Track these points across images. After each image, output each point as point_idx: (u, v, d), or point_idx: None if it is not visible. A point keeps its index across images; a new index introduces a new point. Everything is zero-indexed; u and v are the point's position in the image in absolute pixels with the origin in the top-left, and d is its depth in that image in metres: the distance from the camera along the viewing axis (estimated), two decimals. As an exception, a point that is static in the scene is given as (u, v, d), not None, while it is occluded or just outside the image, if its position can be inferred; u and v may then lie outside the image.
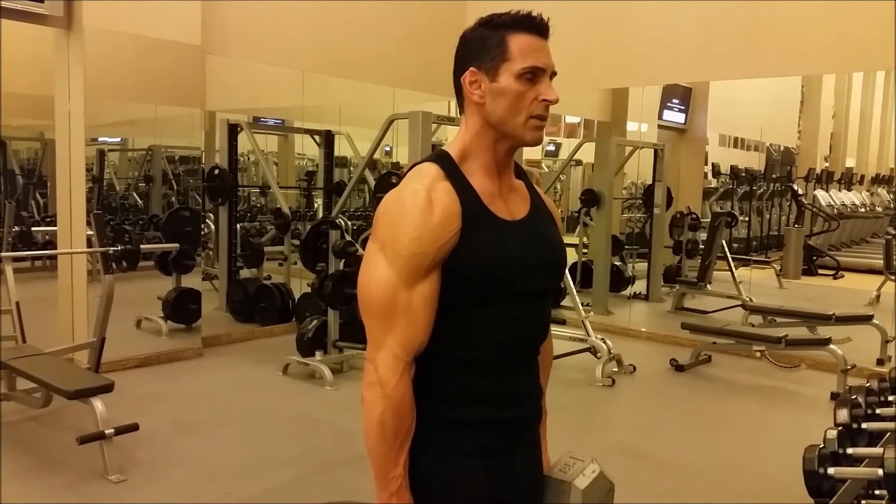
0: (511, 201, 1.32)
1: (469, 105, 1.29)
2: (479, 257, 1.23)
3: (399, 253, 1.19)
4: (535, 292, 1.33)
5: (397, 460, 1.23)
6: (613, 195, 7.63)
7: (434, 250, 1.19)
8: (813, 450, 2.02)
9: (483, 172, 1.28)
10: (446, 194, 1.22)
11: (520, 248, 1.28)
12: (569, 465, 1.38)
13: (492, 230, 1.25)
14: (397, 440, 1.22)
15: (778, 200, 11.03)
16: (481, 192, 1.26)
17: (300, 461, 3.55)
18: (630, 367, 5.31)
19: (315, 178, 7.59)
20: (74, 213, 4.77)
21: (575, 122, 10.92)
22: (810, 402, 4.79)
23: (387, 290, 1.20)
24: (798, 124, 11.71)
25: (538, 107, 1.25)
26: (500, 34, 1.25)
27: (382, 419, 1.21)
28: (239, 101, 7.31)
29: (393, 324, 1.21)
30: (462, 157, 1.28)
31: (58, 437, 3.71)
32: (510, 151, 1.31)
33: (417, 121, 5.05)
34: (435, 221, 1.19)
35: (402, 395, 1.21)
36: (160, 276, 5.70)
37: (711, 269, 7.53)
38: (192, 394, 4.59)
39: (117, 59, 5.13)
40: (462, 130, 1.31)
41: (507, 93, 1.24)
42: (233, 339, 5.90)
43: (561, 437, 1.67)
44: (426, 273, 1.20)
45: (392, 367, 1.21)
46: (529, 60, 1.23)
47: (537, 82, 1.24)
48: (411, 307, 1.20)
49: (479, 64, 1.26)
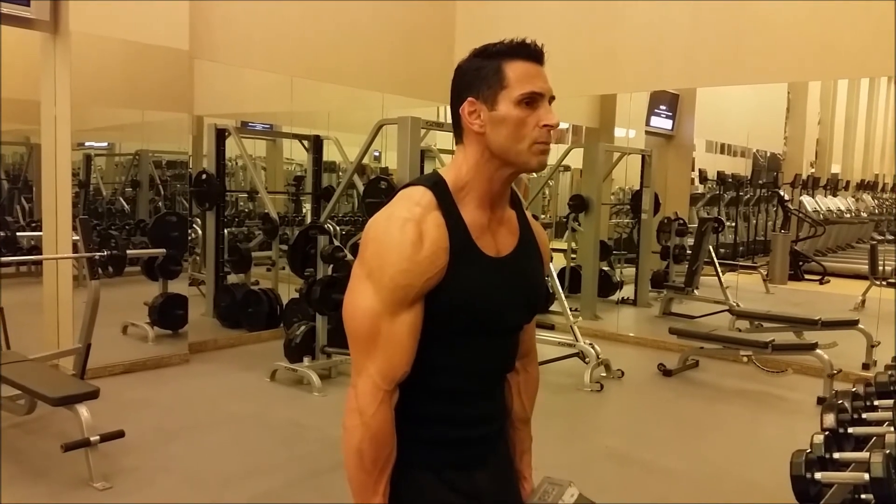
0: (499, 235, 1.32)
1: (468, 135, 1.28)
2: (461, 293, 1.24)
3: (384, 283, 1.19)
4: (507, 330, 1.36)
5: (376, 488, 1.24)
6: (601, 201, 7.67)
7: (420, 283, 1.20)
8: (800, 454, 2.02)
9: (476, 203, 1.28)
10: (436, 228, 1.22)
11: (501, 288, 1.30)
12: (548, 493, 1.39)
13: (476, 267, 1.26)
14: (376, 468, 1.23)
15: (764, 206, 11.11)
16: (471, 225, 1.26)
17: (288, 467, 3.53)
18: (618, 372, 5.32)
19: (303, 184, 7.56)
20: (60, 218, 4.73)
21: (563, 128, 10.95)
22: (797, 406, 4.81)
23: (371, 319, 1.21)
24: (784, 131, 11.80)
25: (540, 132, 1.24)
26: (496, 63, 1.25)
27: (360, 447, 1.21)
28: (227, 105, 7.29)
29: (375, 352, 1.21)
30: (457, 185, 1.28)
31: (42, 445, 3.67)
32: (509, 180, 1.30)
33: (406, 126, 5.05)
34: (423, 255, 1.19)
35: (381, 424, 1.22)
36: (147, 281, 5.66)
37: (699, 274, 7.57)
38: (178, 400, 4.56)
39: (104, 63, 5.11)
40: (460, 159, 1.30)
41: (507, 120, 1.23)
42: (220, 345, 5.86)
43: (549, 442, 1.68)
44: (411, 304, 1.21)
45: (372, 395, 1.21)
46: (527, 86, 1.23)
47: (536, 107, 1.24)
48: (393, 337, 1.21)
49: (477, 93, 1.25)
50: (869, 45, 5.00)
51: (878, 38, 4.90)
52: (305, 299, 5.03)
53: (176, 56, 5.17)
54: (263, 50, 5.81)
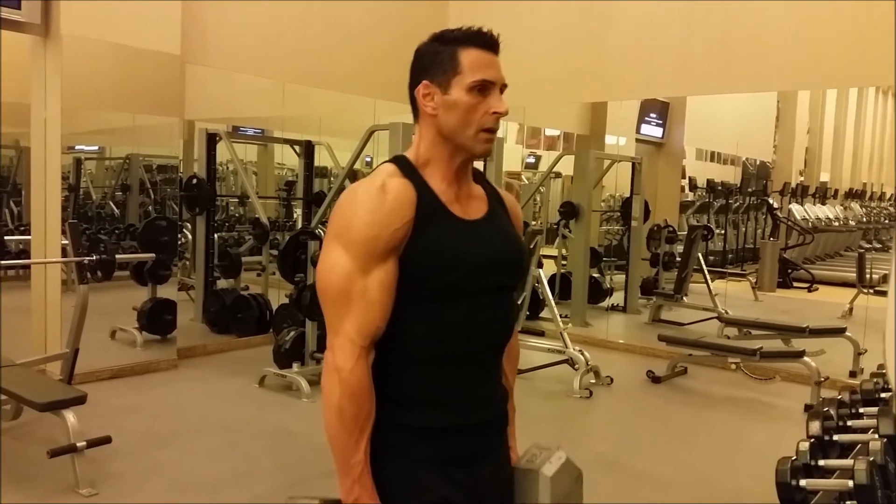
0: (469, 206, 1.34)
1: (423, 116, 1.33)
2: (437, 252, 1.25)
3: (353, 239, 1.21)
4: (494, 289, 1.34)
5: (357, 446, 1.23)
6: (592, 208, 7.70)
7: (387, 234, 1.21)
8: (786, 462, 2.04)
9: (440, 178, 1.31)
10: (401, 185, 1.26)
11: (478, 244, 1.31)
12: (535, 455, 1.39)
13: (449, 226, 1.28)
14: (357, 425, 1.22)
15: (753, 214, 11.15)
16: (439, 192, 1.29)
17: (276, 474, 3.52)
18: (607, 379, 5.33)
19: (294, 189, 7.56)
20: (49, 222, 4.71)
21: (554, 135, 10.98)
22: (785, 413, 4.84)
23: (342, 277, 1.22)
24: (773, 139, 11.86)
25: (488, 119, 1.28)
26: (452, 49, 1.29)
27: (340, 405, 1.21)
28: (218, 110, 7.27)
29: (349, 309, 1.22)
30: (418, 162, 1.32)
31: (27, 451, 3.65)
32: (466, 162, 1.34)
33: (398, 132, 5.06)
34: (388, 206, 1.22)
35: (359, 380, 1.21)
36: (136, 286, 5.62)
37: (688, 281, 7.60)
38: (166, 406, 4.53)
39: (95, 66, 5.09)
40: (416, 140, 1.34)
41: (458, 105, 1.27)
42: (209, 351, 5.84)
43: (537, 449, 1.67)
44: (381, 259, 1.22)
45: (349, 352, 1.21)
46: (479, 74, 1.27)
47: (488, 95, 1.28)
48: (367, 292, 1.22)
49: (432, 77, 1.29)
50: (857, 55, 5.06)
51: (865, 48, 4.97)
52: (295, 305, 5.02)
53: (167, 60, 5.16)
54: (255, 55, 5.81)
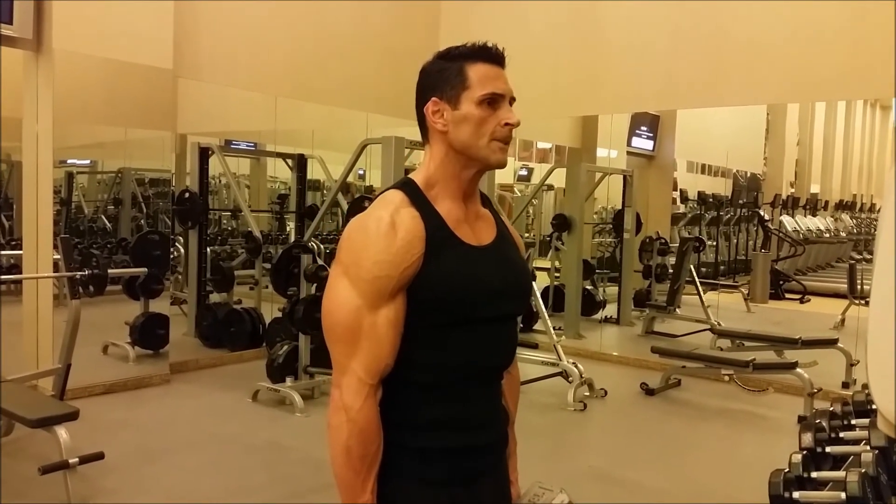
0: (478, 228, 1.34)
1: (433, 134, 1.32)
2: (445, 281, 1.24)
3: (362, 277, 1.20)
4: (500, 317, 1.34)
5: (364, 486, 1.22)
6: (584, 220, 7.72)
7: (398, 273, 1.21)
8: (778, 474, 2.04)
9: (449, 199, 1.31)
10: (410, 218, 1.24)
11: (486, 272, 1.30)
12: (538, 496, 1.38)
13: (458, 254, 1.27)
14: (364, 465, 1.22)
15: (745, 226, 11.21)
16: (447, 218, 1.28)
17: (270, 489, 3.50)
18: (601, 391, 5.33)
19: (287, 202, 7.55)
20: (41, 237, 4.69)
21: (547, 148, 11.02)
22: (778, 425, 4.85)
23: (350, 314, 1.21)
24: (764, 151, 11.95)
25: (500, 130, 1.29)
26: (459, 64, 1.29)
27: (348, 444, 1.21)
28: (211, 124, 7.28)
29: (357, 347, 1.21)
30: (427, 185, 1.31)
31: (19, 467, 3.61)
32: (476, 178, 1.34)
33: (390, 146, 5.07)
34: (398, 245, 1.21)
35: (368, 419, 1.21)
36: (128, 300, 5.61)
37: (680, 293, 7.63)
38: (159, 421, 4.51)
39: (87, 81, 5.09)
40: (426, 160, 1.33)
41: (469, 118, 1.27)
42: (201, 365, 5.82)
43: (533, 461, 1.68)
44: (390, 296, 1.21)
45: (356, 390, 1.21)
46: (489, 87, 1.28)
47: (497, 107, 1.29)
48: (375, 330, 1.21)
49: (441, 94, 1.29)
50: (845, 69, 5.11)
51: (854, 62, 5.02)
52: (288, 319, 5.00)
53: (159, 74, 5.17)
54: (247, 69, 5.83)
